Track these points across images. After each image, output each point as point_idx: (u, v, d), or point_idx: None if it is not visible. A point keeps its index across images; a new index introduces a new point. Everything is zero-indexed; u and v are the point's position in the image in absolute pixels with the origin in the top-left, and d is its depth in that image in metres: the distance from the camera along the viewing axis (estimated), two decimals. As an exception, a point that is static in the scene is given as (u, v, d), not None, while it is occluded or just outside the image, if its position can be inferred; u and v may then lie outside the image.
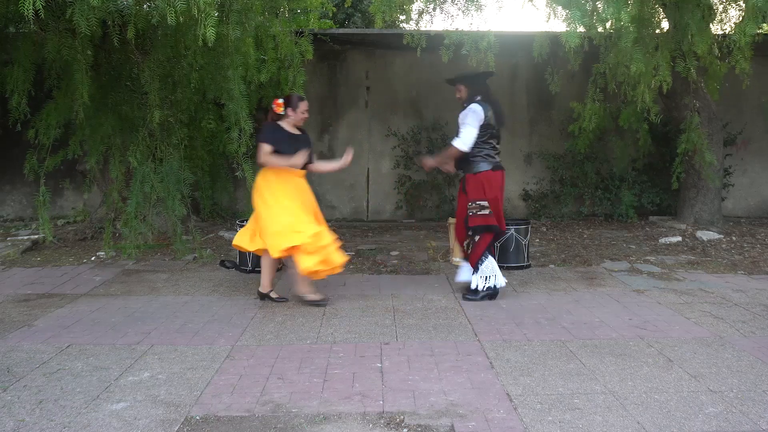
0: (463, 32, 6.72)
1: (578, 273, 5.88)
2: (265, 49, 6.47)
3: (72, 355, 3.66)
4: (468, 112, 4.85)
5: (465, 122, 4.85)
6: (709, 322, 4.32)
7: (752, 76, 7.00)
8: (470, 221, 4.91)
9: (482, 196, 4.86)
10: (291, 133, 4.72)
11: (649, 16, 6.76)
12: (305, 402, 3.02)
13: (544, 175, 9.56)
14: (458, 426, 2.76)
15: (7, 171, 9.17)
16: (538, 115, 9.68)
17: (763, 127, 9.69)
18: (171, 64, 6.08)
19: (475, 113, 4.83)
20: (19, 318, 4.42)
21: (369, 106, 9.60)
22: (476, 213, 4.89)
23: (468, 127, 4.83)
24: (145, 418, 2.84)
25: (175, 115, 6.19)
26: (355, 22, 14.37)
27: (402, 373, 3.38)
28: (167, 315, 4.49)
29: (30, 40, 5.73)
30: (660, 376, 3.33)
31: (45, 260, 6.44)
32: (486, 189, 4.85)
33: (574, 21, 5.58)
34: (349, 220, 9.54)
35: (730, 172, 9.20)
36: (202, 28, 4.23)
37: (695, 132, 7.44)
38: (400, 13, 7.56)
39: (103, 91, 6.16)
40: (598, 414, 2.87)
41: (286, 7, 6.37)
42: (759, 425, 2.75)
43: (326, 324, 4.29)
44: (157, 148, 5.98)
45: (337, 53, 9.44)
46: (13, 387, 3.18)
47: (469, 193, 4.92)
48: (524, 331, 4.11)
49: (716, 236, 7.46)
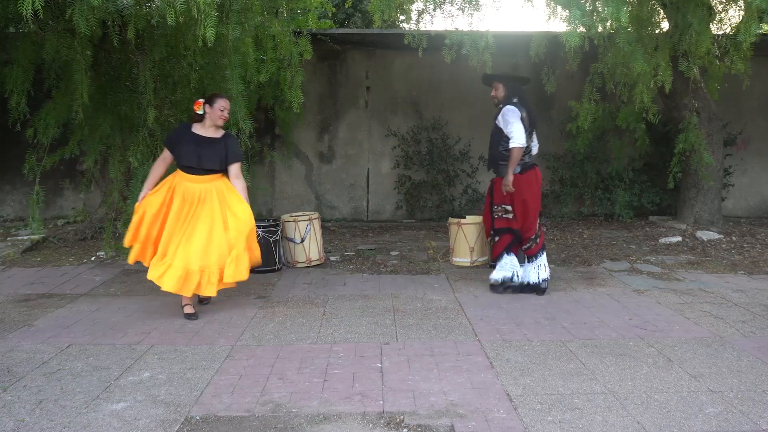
0: (463, 32, 6.71)
1: (578, 273, 5.88)
2: (265, 49, 6.47)
3: (72, 355, 3.66)
4: (506, 112, 4.90)
5: (509, 121, 4.86)
6: (709, 322, 4.32)
7: (752, 76, 7.00)
8: (495, 223, 5.09)
9: (508, 200, 4.99)
10: (199, 136, 4.41)
11: (649, 16, 6.76)
12: (305, 402, 3.02)
13: (544, 175, 9.49)
14: (458, 426, 2.76)
15: (7, 171, 9.16)
16: (538, 115, 9.62)
17: (763, 127, 9.69)
18: (171, 64, 6.08)
19: (513, 111, 4.87)
20: (19, 318, 4.42)
21: (369, 106, 9.59)
22: (501, 216, 5.06)
23: (514, 125, 4.84)
24: (145, 418, 2.84)
25: (175, 115, 6.19)
26: (355, 22, 14.37)
27: (402, 373, 3.38)
28: (167, 315, 4.49)
29: (29, 40, 5.73)
30: (660, 376, 3.33)
31: (45, 260, 6.44)
32: (512, 193, 4.94)
33: (573, 21, 5.58)
34: (349, 220, 9.54)
35: (730, 172, 9.20)
36: (201, 29, 4.23)
37: (693, 132, 7.44)
38: (399, 12, 7.55)
39: (102, 91, 6.16)
40: (598, 414, 2.87)
41: (285, 7, 6.36)
42: (759, 425, 2.75)
43: (326, 324, 4.29)
44: (158, 148, 5.98)
45: (337, 53, 9.44)
46: (13, 387, 3.18)
47: (495, 197, 5.05)
48: (524, 331, 4.11)
49: (716, 236, 7.46)
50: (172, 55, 6.02)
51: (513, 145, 4.81)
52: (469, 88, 9.26)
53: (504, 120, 4.90)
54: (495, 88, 5.05)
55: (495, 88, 5.05)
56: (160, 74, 5.97)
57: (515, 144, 4.81)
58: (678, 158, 7.66)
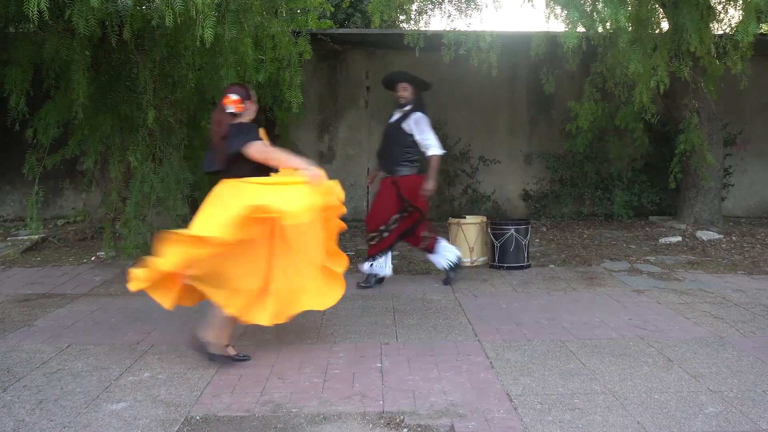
0: (462, 32, 6.71)
1: (578, 273, 5.88)
2: (264, 49, 6.46)
3: (72, 355, 3.66)
4: (420, 120, 5.18)
5: (424, 129, 5.17)
6: (709, 322, 4.32)
7: (752, 76, 7.00)
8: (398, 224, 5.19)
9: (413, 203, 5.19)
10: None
11: (648, 16, 6.76)
12: (305, 402, 3.02)
13: (544, 175, 9.55)
14: (458, 426, 2.76)
15: (7, 171, 9.16)
16: (538, 115, 9.68)
17: (763, 127, 9.70)
18: (170, 64, 6.07)
19: (427, 119, 5.22)
20: (19, 318, 4.42)
21: (369, 106, 9.59)
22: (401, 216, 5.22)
23: (431, 133, 5.18)
24: (145, 418, 2.84)
25: (174, 115, 6.19)
26: (355, 22, 14.36)
27: (402, 373, 3.38)
28: (167, 315, 4.48)
29: (29, 40, 5.72)
30: (660, 376, 3.33)
31: (45, 260, 6.44)
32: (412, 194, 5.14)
33: (572, 22, 5.58)
34: (349, 220, 9.51)
35: (730, 172, 9.20)
36: (200, 29, 4.22)
37: (695, 133, 7.43)
38: (399, 12, 7.54)
39: (102, 91, 6.16)
40: (598, 414, 2.87)
41: (284, 7, 6.36)
42: (759, 425, 2.75)
43: (326, 324, 4.29)
44: (157, 148, 5.98)
45: (337, 53, 9.44)
46: (13, 387, 3.18)
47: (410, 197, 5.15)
48: (524, 331, 4.11)
49: (716, 236, 7.46)
50: (171, 55, 6.02)
51: (435, 153, 5.16)
52: (470, 89, 9.26)
53: (418, 128, 5.15)
54: (403, 89, 5.22)
55: (403, 89, 5.22)
56: (160, 74, 5.96)
57: (438, 152, 5.17)
58: (679, 158, 7.66)
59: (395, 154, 5.21)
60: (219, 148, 3.61)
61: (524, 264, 6.08)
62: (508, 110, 9.70)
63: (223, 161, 3.57)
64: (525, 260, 6.11)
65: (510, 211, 9.46)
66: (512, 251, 6.04)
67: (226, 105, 3.64)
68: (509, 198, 9.55)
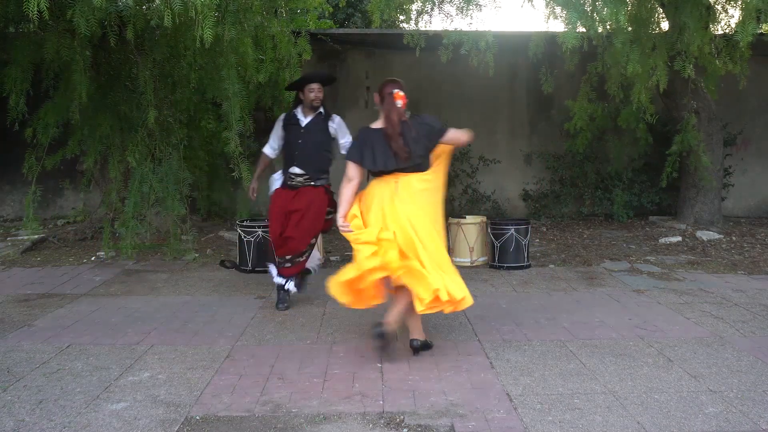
0: (462, 32, 6.71)
1: (578, 273, 5.88)
2: (264, 49, 6.47)
3: (72, 355, 3.66)
4: (341, 122, 4.83)
5: (347, 132, 4.80)
6: (709, 322, 4.32)
7: (752, 76, 7.00)
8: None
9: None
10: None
11: (648, 16, 6.75)
12: (305, 402, 3.02)
13: (544, 175, 9.55)
14: (458, 426, 2.76)
15: (7, 171, 9.15)
16: (538, 115, 9.68)
17: (764, 127, 9.69)
18: (170, 64, 6.08)
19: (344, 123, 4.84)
20: (19, 318, 4.42)
21: (369, 106, 9.58)
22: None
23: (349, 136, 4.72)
24: (145, 418, 2.84)
25: (174, 115, 6.19)
26: (355, 22, 14.36)
27: (402, 373, 3.37)
28: (167, 315, 4.49)
29: (29, 40, 5.73)
30: (660, 376, 3.33)
31: (45, 260, 6.44)
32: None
33: (572, 22, 5.58)
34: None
35: (730, 172, 9.19)
36: (199, 30, 4.23)
37: (691, 133, 7.43)
38: (399, 12, 7.55)
39: (101, 91, 6.16)
40: (598, 414, 2.87)
41: (284, 7, 6.37)
42: (759, 425, 2.75)
43: (326, 324, 4.28)
44: (156, 148, 5.98)
45: (337, 53, 9.44)
46: (13, 387, 3.18)
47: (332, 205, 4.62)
48: (524, 331, 4.11)
49: (716, 236, 7.46)
50: (171, 55, 6.03)
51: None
52: (469, 89, 9.26)
53: (342, 131, 4.77)
54: (319, 90, 4.65)
55: (319, 90, 4.65)
56: (160, 74, 5.97)
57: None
58: (673, 159, 7.64)
59: (322, 159, 4.74)
60: (400, 145, 3.58)
61: (524, 264, 6.08)
62: (508, 110, 9.70)
63: (415, 157, 3.60)
64: (525, 260, 6.11)
65: (510, 211, 9.45)
66: (512, 251, 6.04)
67: (397, 100, 3.63)
68: (509, 198, 9.55)
